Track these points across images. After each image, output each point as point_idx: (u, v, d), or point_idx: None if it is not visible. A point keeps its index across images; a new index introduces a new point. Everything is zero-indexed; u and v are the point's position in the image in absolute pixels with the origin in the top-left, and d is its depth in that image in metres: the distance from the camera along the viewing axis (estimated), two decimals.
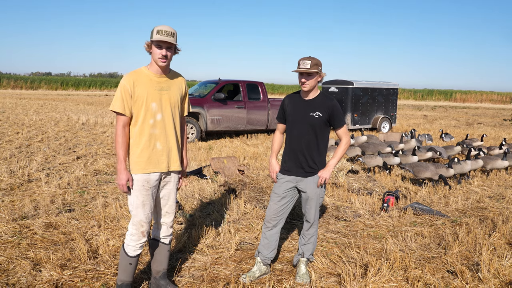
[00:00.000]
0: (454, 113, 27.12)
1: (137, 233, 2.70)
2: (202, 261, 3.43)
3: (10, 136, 10.29)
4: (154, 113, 2.65)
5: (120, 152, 2.60)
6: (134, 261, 2.75)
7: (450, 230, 4.27)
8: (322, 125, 3.00)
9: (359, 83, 14.12)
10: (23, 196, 5.09)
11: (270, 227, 3.15)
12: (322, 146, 3.06)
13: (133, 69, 2.72)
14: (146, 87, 2.63)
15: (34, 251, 3.48)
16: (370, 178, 6.64)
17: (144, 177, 2.65)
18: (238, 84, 11.60)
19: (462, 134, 13.82)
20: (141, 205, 2.66)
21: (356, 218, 4.65)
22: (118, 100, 2.60)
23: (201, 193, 5.42)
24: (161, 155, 2.70)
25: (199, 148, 9.38)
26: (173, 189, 2.83)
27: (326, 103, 2.99)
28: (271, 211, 3.13)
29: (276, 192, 3.12)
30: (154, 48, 2.58)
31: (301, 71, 2.90)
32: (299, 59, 2.94)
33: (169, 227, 2.89)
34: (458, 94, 53.12)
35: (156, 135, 2.68)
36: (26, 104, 21.77)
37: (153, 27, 2.61)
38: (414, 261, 3.51)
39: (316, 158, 3.04)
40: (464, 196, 5.70)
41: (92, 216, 4.39)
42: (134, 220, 2.69)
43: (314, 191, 3.06)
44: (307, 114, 2.99)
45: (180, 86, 2.81)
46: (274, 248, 3.20)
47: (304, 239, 3.21)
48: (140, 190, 2.65)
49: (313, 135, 3.00)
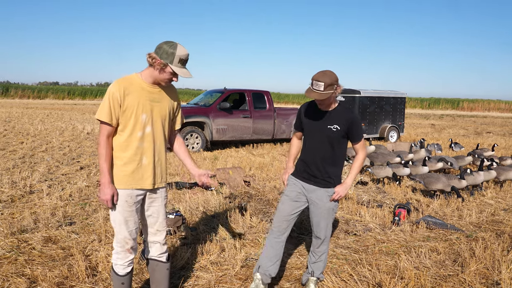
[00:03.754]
0: (462, 122, 26.82)
1: (122, 251, 2.53)
2: (206, 279, 3.26)
3: (15, 146, 10.23)
4: (144, 125, 2.46)
5: (103, 165, 2.40)
6: (127, 280, 2.58)
7: (465, 246, 4.07)
8: (339, 139, 2.82)
9: (366, 92, 13.96)
10: (24, 208, 4.96)
11: (278, 234, 2.94)
12: (338, 159, 2.89)
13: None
14: (137, 97, 2.43)
15: (31, 267, 3.34)
16: (380, 190, 6.45)
17: (127, 192, 2.46)
18: (244, 93, 11.48)
19: (471, 143, 13.57)
20: (124, 221, 2.47)
21: (367, 232, 4.47)
22: (105, 109, 2.38)
23: (205, 205, 5.26)
24: (146, 171, 2.50)
25: (204, 158, 9.24)
26: (161, 206, 2.64)
27: (345, 116, 2.81)
28: (281, 214, 2.93)
29: (288, 195, 2.95)
30: (168, 72, 2.40)
31: (314, 97, 2.65)
32: (313, 76, 2.67)
33: (162, 245, 2.69)
34: (465, 102, 52.76)
35: (144, 149, 2.48)
36: (32, 114, 21.83)
37: (171, 46, 2.37)
38: (429, 279, 3.31)
39: (331, 170, 2.87)
40: (478, 209, 5.49)
41: (92, 230, 4.25)
42: (118, 237, 2.50)
43: (327, 204, 2.88)
44: (324, 126, 2.81)
45: (172, 98, 2.62)
46: (278, 260, 2.96)
47: (315, 256, 3.03)
48: (122, 206, 2.46)
49: (330, 148, 2.83)
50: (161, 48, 2.38)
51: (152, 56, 2.39)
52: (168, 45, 2.37)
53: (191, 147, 10.22)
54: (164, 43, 2.40)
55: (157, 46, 2.41)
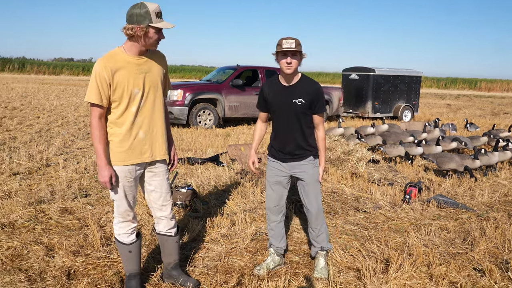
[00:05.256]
0: (479, 102, 26.25)
1: (124, 221, 2.57)
2: (217, 251, 3.34)
3: (31, 120, 10.41)
4: (137, 100, 2.39)
5: (98, 146, 2.35)
6: (134, 248, 2.62)
7: (476, 225, 4.06)
8: (306, 111, 2.80)
9: (381, 70, 13.72)
10: (41, 180, 5.10)
11: (274, 217, 3.03)
12: (310, 131, 2.88)
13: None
14: (126, 72, 2.33)
15: (48, 236, 3.46)
16: (392, 169, 6.42)
17: (127, 168, 2.44)
18: (257, 70, 11.41)
19: (488, 124, 13.32)
20: (124, 196, 2.49)
21: (377, 210, 4.48)
22: (94, 90, 2.28)
23: (217, 181, 5.33)
24: (144, 145, 2.46)
25: (216, 135, 9.29)
26: (163, 180, 2.62)
27: (308, 88, 2.79)
28: (270, 199, 3.00)
29: (270, 180, 2.97)
30: (152, 33, 2.30)
31: (287, 49, 2.63)
32: (280, 39, 2.68)
33: (169, 219, 2.70)
34: (483, 82, 51.43)
35: (139, 123, 2.43)
36: (48, 89, 22.09)
37: (141, 7, 2.26)
38: (438, 257, 3.33)
39: (304, 143, 2.87)
40: (491, 189, 5.44)
41: (107, 202, 4.35)
42: (119, 210, 2.54)
43: (310, 172, 2.89)
44: (289, 101, 2.78)
45: (161, 64, 2.53)
46: (283, 237, 3.10)
47: (314, 231, 3.02)
48: (122, 182, 2.46)
49: (297, 123, 2.82)
50: (132, 15, 2.28)
51: (128, 27, 2.28)
52: (136, 8, 2.27)
53: (204, 123, 10.27)
54: (131, 8, 2.29)
55: (127, 15, 2.30)
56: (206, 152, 7.17)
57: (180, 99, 9.88)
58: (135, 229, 2.66)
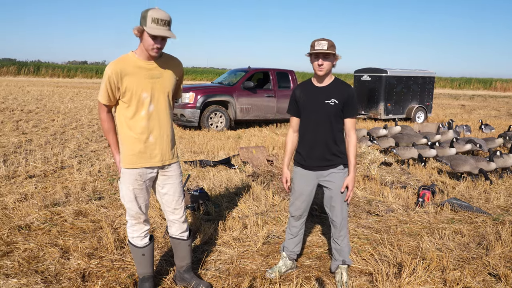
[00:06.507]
0: (494, 103, 25.81)
1: (137, 223, 2.60)
2: (229, 254, 3.36)
3: (46, 123, 10.59)
4: (146, 104, 2.43)
5: (110, 137, 2.53)
6: (147, 251, 2.65)
7: (491, 229, 4.00)
8: (338, 113, 2.75)
9: (393, 71, 13.60)
10: (56, 182, 5.19)
11: (295, 221, 3.00)
12: (340, 135, 2.82)
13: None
14: (135, 77, 2.38)
15: (64, 238, 3.52)
16: (404, 171, 6.36)
17: (137, 171, 2.49)
18: (268, 73, 11.41)
19: (503, 125, 13.10)
20: (134, 198, 2.52)
21: (389, 213, 4.45)
22: (103, 92, 2.40)
23: (228, 183, 5.35)
24: (154, 149, 2.50)
25: (228, 137, 9.32)
26: (176, 183, 2.64)
27: (341, 89, 2.76)
28: (295, 203, 2.96)
29: (295, 189, 2.92)
30: (147, 37, 2.29)
31: (319, 51, 2.63)
32: (313, 40, 2.68)
33: (181, 223, 2.72)
34: (498, 82, 50.55)
35: (149, 127, 2.47)
36: (62, 92, 22.43)
37: (146, 11, 2.28)
38: (452, 261, 3.29)
39: (335, 148, 2.79)
40: (507, 192, 5.35)
41: (120, 204, 4.41)
42: (131, 213, 2.57)
43: (339, 182, 2.80)
44: (322, 102, 2.75)
45: (174, 71, 2.55)
46: (299, 242, 3.07)
47: (337, 242, 2.96)
48: (133, 184, 2.50)
49: (329, 125, 2.76)
50: (140, 16, 2.32)
51: (135, 28, 2.32)
52: (144, 11, 2.30)
53: (215, 126, 10.32)
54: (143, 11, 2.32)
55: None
56: (217, 154, 7.20)
57: (192, 101, 9.95)
58: (148, 232, 2.69)
